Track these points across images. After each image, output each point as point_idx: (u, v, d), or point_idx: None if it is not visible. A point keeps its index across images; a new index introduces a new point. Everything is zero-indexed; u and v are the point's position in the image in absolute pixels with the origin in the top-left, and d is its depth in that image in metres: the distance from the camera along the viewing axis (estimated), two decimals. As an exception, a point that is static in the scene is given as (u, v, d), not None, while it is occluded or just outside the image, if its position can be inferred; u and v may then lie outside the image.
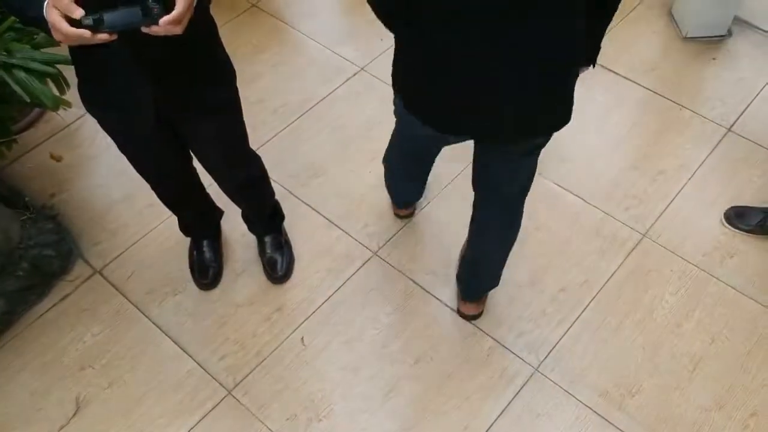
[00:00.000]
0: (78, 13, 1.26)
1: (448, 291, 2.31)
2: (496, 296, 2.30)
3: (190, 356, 2.17)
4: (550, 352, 2.19)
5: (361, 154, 2.67)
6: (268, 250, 2.35)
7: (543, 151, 2.63)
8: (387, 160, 2.23)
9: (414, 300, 2.30)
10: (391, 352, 2.19)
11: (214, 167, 1.99)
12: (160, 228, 2.46)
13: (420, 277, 2.35)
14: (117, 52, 1.43)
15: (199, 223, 2.34)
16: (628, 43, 3.04)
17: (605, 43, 2.80)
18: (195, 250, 2.36)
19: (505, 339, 2.22)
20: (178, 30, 1.32)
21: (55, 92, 2.17)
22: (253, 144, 2.22)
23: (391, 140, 2.14)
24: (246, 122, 1.91)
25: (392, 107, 1.85)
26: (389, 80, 2.90)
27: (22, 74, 1.93)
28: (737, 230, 2.44)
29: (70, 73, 2.23)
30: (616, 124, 2.76)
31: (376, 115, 2.78)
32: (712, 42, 3.05)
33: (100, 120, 1.75)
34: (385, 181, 2.34)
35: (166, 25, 1.29)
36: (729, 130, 2.74)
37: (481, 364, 2.16)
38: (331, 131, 2.73)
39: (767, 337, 2.21)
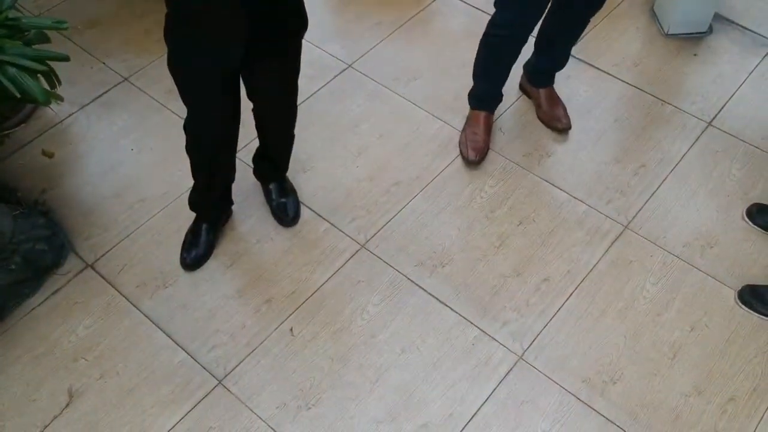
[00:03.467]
0: None
1: (433, 282, 2.36)
2: (481, 287, 2.35)
3: (181, 347, 2.21)
4: (534, 340, 2.24)
5: (348, 150, 2.71)
6: (275, 196, 2.50)
7: (531, 146, 2.70)
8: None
9: (401, 291, 2.34)
10: (379, 341, 2.23)
11: (270, 105, 2.19)
12: (149, 223, 2.49)
13: (407, 269, 2.39)
14: None
15: (211, 204, 2.41)
16: (611, 39, 3.10)
17: (589, 38, 2.83)
18: (192, 231, 2.42)
19: (489, 328, 2.26)
20: None
21: (47, 87, 2.20)
22: (243, 138, 2.27)
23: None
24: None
25: (378, 103, 1.91)
26: (376, 77, 2.97)
27: (13, 71, 1.97)
28: (756, 226, 2.49)
29: (61, 68, 2.28)
30: (598, 119, 2.82)
31: (363, 111, 2.83)
32: (693, 38, 3.11)
33: (187, 55, 1.87)
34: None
35: None
36: (709, 124, 2.80)
37: (466, 353, 2.21)
38: (320, 127, 2.77)
39: (744, 325, 2.27)
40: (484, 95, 2.68)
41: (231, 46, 1.86)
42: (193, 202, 2.40)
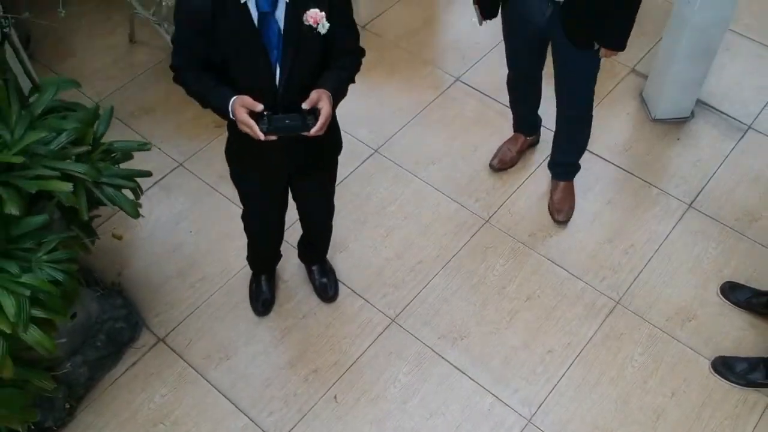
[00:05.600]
0: (259, 107, 1.93)
1: (454, 353, 2.77)
2: (495, 357, 2.77)
3: (244, 413, 2.62)
4: (541, 405, 2.66)
5: (377, 231, 3.13)
6: (317, 276, 2.92)
7: (535, 226, 3.11)
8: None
9: (427, 362, 2.76)
10: (410, 407, 2.65)
11: (311, 210, 2.63)
12: (210, 300, 2.90)
13: (431, 341, 2.81)
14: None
15: (266, 263, 2.88)
16: (605, 124, 3.51)
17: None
18: (254, 283, 2.89)
19: (502, 394, 2.68)
20: (321, 132, 1.97)
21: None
22: (289, 219, 2.69)
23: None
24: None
25: (401, 186, 3.05)
26: (399, 161, 3.35)
27: (110, 190, 2.37)
28: (728, 302, 2.90)
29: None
30: (593, 201, 3.24)
31: (389, 194, 3.25)
32: (677, 123, 3.53)
33: (243, 178, 2.41)
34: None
35: (315, 132, 1.95)
36: (690, 206, 3.22)
37: (484, 417, 2.62)
38: (351, 210, 3.18)
39: (717, 391, 2.69)
40: (516, 121, 3.31)
41: (275, 178, 2.34)
42: (251, 263, 2.87)
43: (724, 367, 2.72)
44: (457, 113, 3.58)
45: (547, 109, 3.12)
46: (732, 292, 2.92)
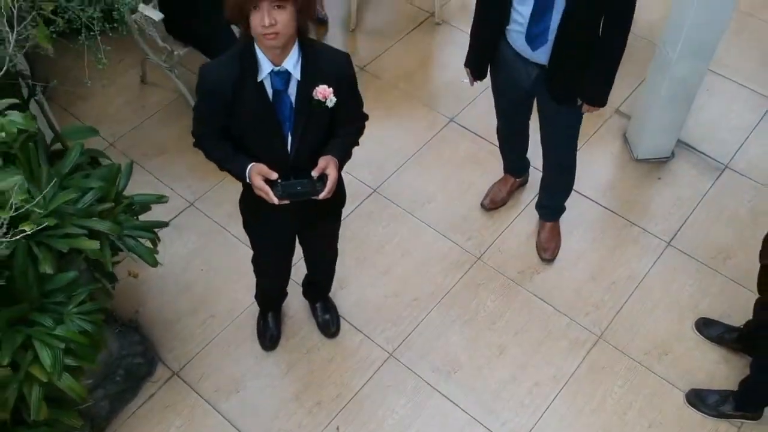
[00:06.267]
0: (273, 176, 2.16)
1: (448, 386, 2.99)
2: (485, 390, 2.99)
3: (253, 444, 2.85)
4: (527, 436, 2.89)
5: (376, 268, 3.34)
6: (320, 313, 3.14)
7: (524, 264, 3.32)
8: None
9: (422, 394, 2.98)
10: (406, 438, 2.87)
11: (317, 255, 2.89)
12: (220, 337, 3.12)
13: (426, 374, 3.03)
14: None
15: (274, 301, 3.10)
16: (590, 163, 3.72)
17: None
18: (262, 319, 3.11)
19: (493, 425, 2.90)
20: (329, 196, 2.20)
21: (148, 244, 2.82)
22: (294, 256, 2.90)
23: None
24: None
25: (399, 224, 3.34)
26: (397, 200, 3.56)
27: (131, 242, 2.58)
28: (702, 337, 3.12)
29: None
30: (579, 239, 3.46)
31: (387, 233, 3.46)
32: (658, 162, 3.75)
33: (255, 230, 2.65)
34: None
35: (323, 196, 2.18)
36: (669, 244, 3.44)
37: (475, 448, 2.85)
38: (351, 248, 3.40)
39: (690, 422, 2.91)
40: (506, 164, 3.52)
41: (285, 231, 2.58)
42: (259, 301, 3.08)
43: (697, 399, 2.94)
44: (451, 153, 3.79)
45: (536, 151, 3.33)
46: (706, 327, 3.13)
